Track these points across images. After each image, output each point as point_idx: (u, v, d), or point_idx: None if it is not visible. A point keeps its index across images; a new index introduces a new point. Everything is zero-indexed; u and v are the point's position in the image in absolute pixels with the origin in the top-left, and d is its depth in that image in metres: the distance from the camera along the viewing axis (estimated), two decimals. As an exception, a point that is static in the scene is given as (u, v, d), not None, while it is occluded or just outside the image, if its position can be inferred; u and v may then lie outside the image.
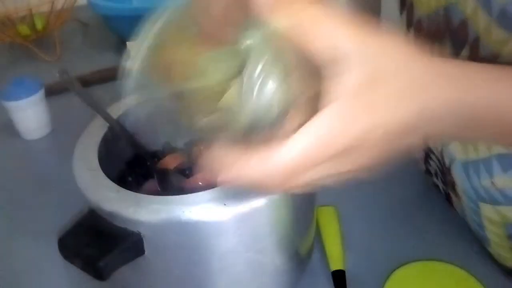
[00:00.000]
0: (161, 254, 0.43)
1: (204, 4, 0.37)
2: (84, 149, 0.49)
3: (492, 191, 0.48)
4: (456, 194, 0.56)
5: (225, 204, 0.41)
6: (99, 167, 0.46)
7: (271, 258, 0.47)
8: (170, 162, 0.57)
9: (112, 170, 0.53)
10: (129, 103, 0.57)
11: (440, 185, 0.62)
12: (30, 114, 0.82)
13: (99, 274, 0.40)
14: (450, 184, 0.57)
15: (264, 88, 0.30)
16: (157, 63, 0.38)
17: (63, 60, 1.08)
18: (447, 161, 0.55)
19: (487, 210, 0.51)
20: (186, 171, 0.58)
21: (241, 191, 0.41)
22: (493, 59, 0.42)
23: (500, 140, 0.39)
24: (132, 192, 0.43)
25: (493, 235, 0.53)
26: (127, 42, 0.87)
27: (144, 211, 0.41)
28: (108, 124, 0.52)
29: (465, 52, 0.45)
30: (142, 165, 0.57)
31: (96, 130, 0.52)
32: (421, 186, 0.67)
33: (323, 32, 0.28)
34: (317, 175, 0.30)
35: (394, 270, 0.54)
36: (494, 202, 0.49)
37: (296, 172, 0.29)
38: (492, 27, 0.41)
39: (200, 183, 0.53)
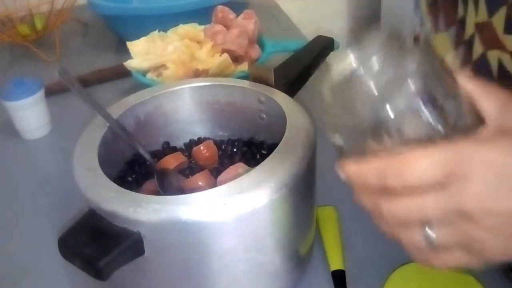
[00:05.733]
0: (161, 254, 0.43)
1: None
2: (84, 149, 0.49)
3: None
4: None
5: (225, 204, 0.41)
6: (99, 167, 0.46)
7: (271, 258, 0.47)
8: (170, 162, 0.57)
9: (112, 170, 0.53)
10: (129, 103, 0.57)
11: None
12: (30, 114, 0.82)
13: (99, 274, 0.40)
14: None
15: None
16: None
17: (63, 60, 1.08)
18: None
19: None
20: (186, 171, 0.58)
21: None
22: None
23: None
24: (132, 192, 0.43)
25: None
26: (127, 42, 0.87)
27: (144, 211, 0.41)
28: (108, 124, 0.52)
29: (501, 12, 0.45)
30: (142, 165, 0.57)
31: (96, 130, 0.52)
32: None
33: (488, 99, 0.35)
34: (429, 202, 0.32)
35: (394, 270, 0.54)
36: None
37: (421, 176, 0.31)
38: None
39: (200, 183, 0.53)
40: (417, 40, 0.61)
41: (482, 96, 0.35)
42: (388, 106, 0.32)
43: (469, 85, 0.35)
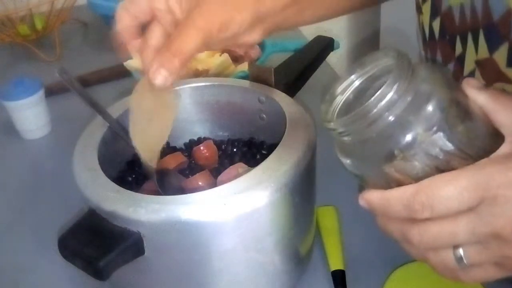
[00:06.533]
0: (161, 254, 0.43)
1: None
2: (84, 149, 0.49)
3: None
4: None
5: (225, 204, 0.41)
6: (99, 167, 0.46)
7: (271, 258, 0.47)
8: (170, 162, 0.57)
9: (112, 170, 0.53)
10: (129, 103, 0.57)
11: None
12: (30, 114, 0.81)
13: (99, 274, 0.40)
14: None
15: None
16: None
17: (63, 60, 1.08)
18: None
19: None
20: (186, 171, 0.58)
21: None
22: None
23: None
24: (132, 192, 0.43)
25: None
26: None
27: (144, 211, 0.41)
28: (108, 124, 0.52)
29: (503, 48, 0.45)
30: (142, 165, 0.57)
31: (96, 130, 0.52)
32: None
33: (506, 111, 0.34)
34: (461, 227, 0.31)
35: (394, 270, 0.54)
36: None
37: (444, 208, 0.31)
38: None
39: (200, 183, 0.53)
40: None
41: (495, 108, 0.34)
42: (405, 132, 0.32)
43: (479, 97, 0.34)
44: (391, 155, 0.33)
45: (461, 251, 0.32)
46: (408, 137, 0.32)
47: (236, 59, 0.86)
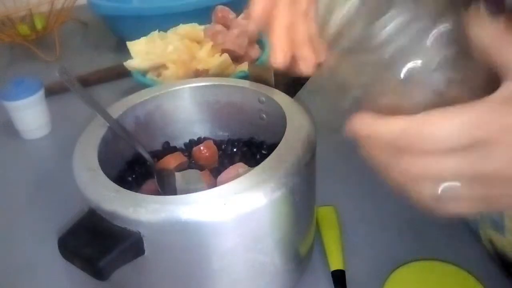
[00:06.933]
0: (161, 254, 0.43)
1: None
2: (84, 149, 0.49)
3: None
4: None
5: (225, 204, 0.41)
6: (99, 167, 0.46)
7: (271, 258, 0.47)
8: (170, 162, 0.57)
9: (112, 170, 0.53)
10: (129, 103, 0.57)
11: None
12: (30, 114, 0.82)
13: (99, 274, 0.40)
14: None
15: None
16: None
17: (63, 60, 1.09)
18: None
19: None
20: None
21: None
22: None
23: None
24: (132, 192, 0.43)
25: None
26: (127, 42, 0.87)
27: (144, 211, 0.41)
28: (108, 124, 0.52)
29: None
30: (142, 165, 0.57)
31: (96, 130, 0.52)
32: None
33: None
34: (449, 165, 0.30)
35: (394, 270, 0.54)
36: None
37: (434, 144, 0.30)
38: None
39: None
40: None
41: (498, 46, 0.31)
42: (404, 63, 0.31)
43: (484, 32, 0.31)
44: (389, 84, 0.32)
45: (442, 188, 0.31)
46: (407, 67, 0.31)
47: (236, 59, 0.86)
